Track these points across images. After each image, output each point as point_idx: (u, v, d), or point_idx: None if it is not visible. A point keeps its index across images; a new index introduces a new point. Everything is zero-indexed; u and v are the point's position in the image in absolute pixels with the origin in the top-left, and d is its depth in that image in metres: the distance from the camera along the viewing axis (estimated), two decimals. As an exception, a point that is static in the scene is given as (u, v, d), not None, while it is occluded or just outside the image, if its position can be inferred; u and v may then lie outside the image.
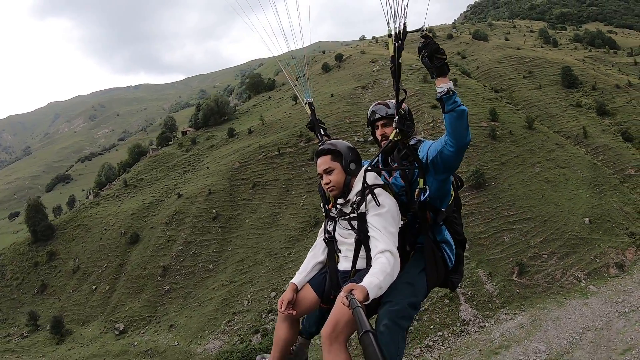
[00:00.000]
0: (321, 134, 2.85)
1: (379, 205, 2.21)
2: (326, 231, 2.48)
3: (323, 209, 2.51)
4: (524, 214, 33.76)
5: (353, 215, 2.28)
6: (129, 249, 45.25)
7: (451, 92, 2.07)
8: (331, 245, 2.45)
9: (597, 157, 43.08)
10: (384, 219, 2.19)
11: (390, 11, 2.00)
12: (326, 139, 2.76)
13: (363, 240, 2.24)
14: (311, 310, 2.44)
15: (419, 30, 2.10)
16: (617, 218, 34.28)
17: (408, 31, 2.06)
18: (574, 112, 51.48)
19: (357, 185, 2.33)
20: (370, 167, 2.39)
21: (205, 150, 59.72)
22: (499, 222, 33.09)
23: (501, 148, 41.94)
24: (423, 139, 2.50)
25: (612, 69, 67.00)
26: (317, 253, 2.54)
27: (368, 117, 2.64)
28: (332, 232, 2.43)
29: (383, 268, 2.00)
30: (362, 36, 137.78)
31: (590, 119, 49.68)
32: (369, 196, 2.24)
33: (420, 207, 2.31)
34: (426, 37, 2.04)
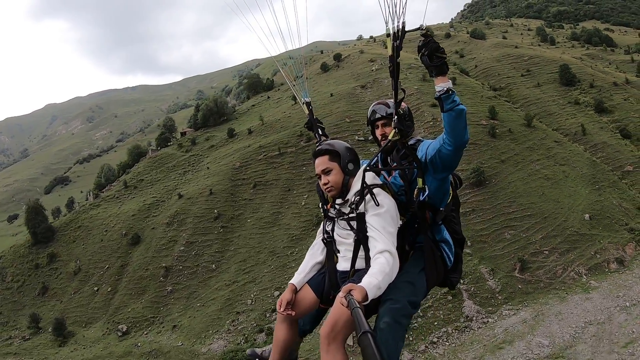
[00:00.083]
0: (319, 134, 2.83)
1: (378, 205, 2.20)
2: (325, 231, 2.47)
3: (321, 209, 2.50)
4: (525, 211, 34.00)
5: (352, 215, 2.27)
6: (131, 250, 45.18)
7: (450, 92, 2.06)
8: (330, 245, 2.44)
9: (596, 154, 43.41)
10: (383, 219, 2.17)
11: (388, 10, 1.99)
12: (324, 139, 2.74)
13: (362, 240, 2.22)
14: (310, 310, 2.44)
15: (418, 29, 2.06)
16: (617, 214, 34.59)
17: (406, 30, 2.05)
18: (572, 110, 51.83)
19: (356, 185, 2.31)
20: (369, 167, 2.38)
21: (205, 150, 59.66)
22: (500, 219, 33.33)
23: (501, 146, 42.18)
24: (422, 139, 2.49)
25: (610, 67, 67.39)
26: (316, 253, 2.53)
27: (368, 117, 2.64)
28: (331, 233, 2.42)
29: (382, 268, 1.99)
30: (360, 36, 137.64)
31: (588, 117, 50.03)
32: (368, 196, 2.23)
33: (419, 207, 2.31)
34: (426, 36, 2.03)
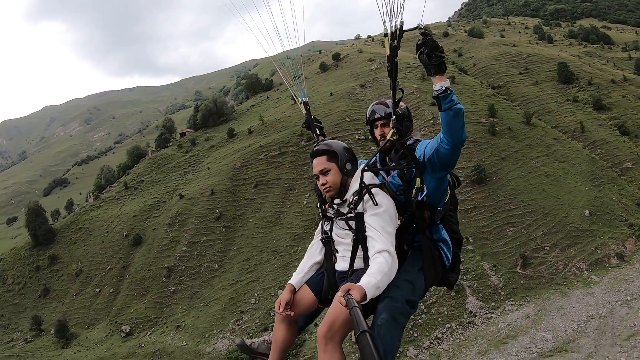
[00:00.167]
0: (317, 134, 2.81)
1: (377, 205, 2.19)
2: (323, 231, 2.46)
3: (320, 209, 2.50)
4: (526, 208, 34.26)
5: (350, 215, 2.26)
6: (132, 251, 45.15)
7: (448, 91, 2.06)
8: (328, 245, 2.43)
9: (595, 151, 43.73)
10: (382, 219, 2.17)
11: (386, 10, 1.98)
12: (322, 139, 2.73)
13: (360, 240, 2.22)
14: (309, 310, 2.42)
15: (416, 28, 2.08)
16: (616, 210, 34.90)
17: (404, 30, 2.04)
18: (571, 108, 52.16)
19: (354, 185, 2.30)
20: (367, 167, 2.36)
21: (205, 151, 59.67)
22: (501, 216, 33.58)
23: (501, 143, 42.43)
24: (420, 139, 2.50)
25: (607, 64, 67.77)
26: (314, 253, 2.52)
27: (367, 117, 2.64)
28: (329, 233, 2.41)
29: (381, 268, 1.98)
30: (358, 35, 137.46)
31: (587, 114, 50.37)
32: (366, 196, 2.22)
33: (417, 207, 2.32)
34: (425, 35, 2.02)
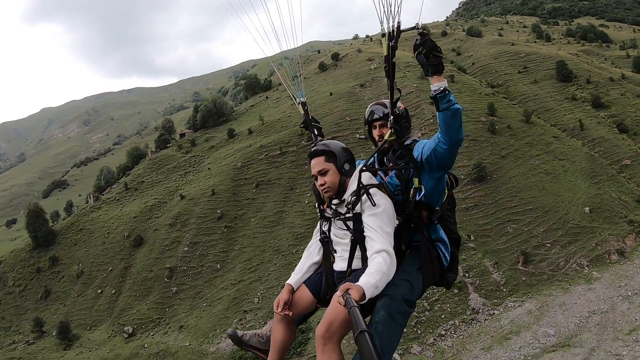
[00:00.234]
0: (315, 134, 2.80)
1: (375, 205, 2.19)
2: (321, 231, 2.46)
3: (318, 209, 2.50)
4: (526, 205, 34.46)
5: (348, 215, 2.26)
6: (134, 252, 45.13)
7: (446, 91, 2.05)
8: (326, 245, 2.43)
9: (594, 149, 43.98)
10: (380, 219, 2.18)
11: (383, 10, 1.97)
12: (320, 139, 2.72)
13: (358, 240, 2.22)
14: (307, 311, 2.42)
15: (413, 28, 2.06)
16: (616, 207, 35.15)
17: (402, 30, 2.03)
18: (570, 106, 52.43)
19: (352, 185, 2.30)
20: (365, 167, 2.37)
21: (205, 151, 59.67)
22: (503, 214, 33.77)
23: (501, 142, 42.64)
24: (418, 139, 2.50)
25: (605, 63, 68.09)
26: (313, 253, 2.52)
27: (366, 118, 2.64)
28: (327, 233, 2.42)
29: (379, 268, 1.99)
30: (356, 35, 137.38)
31: (585, 112, 50.64)
32: (364, 196, 2.22)
33: (415, 207, 2.32)
34: (423, 35, 2.02)
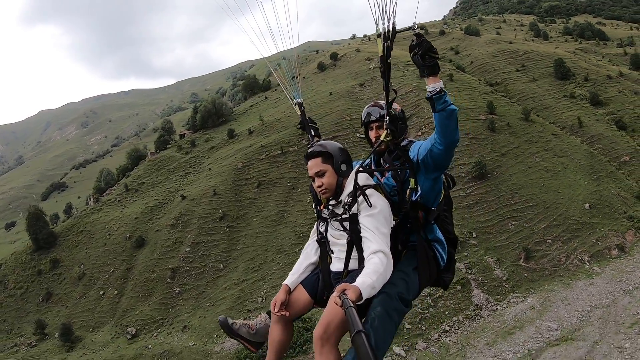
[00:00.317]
0: (312, 135, 2.79)
1: (371, 206, 2.20)
2: (318, 232, 2.47)
3: (315, 210, 2.50)
4: (527, 202, 34.70)
5: (345, 216, 2.27)
6: (135, 253, 45.11)
7: (442, 92, 2.05)
8: (324, 246, 2.44)
9: (593, 146, 44.29)
10: (376, 220, 2.18)
11: (378, 10, 1.96)
12: (317, 140, 2.72)
13: (355, 241, 2.23)
14: (304, 311, 2.43)
15: (409, 28, 2.04)
16: (616, 203, 35.46)
17: (397, 30, 2.03)
18: (568, 103, 52.77)
19: (349, 186, 2.30)
20: (361, 168, 2.38)
21: (205, 152, 59.72)
22: (504, 211, 34.00)
23: (500, 140, 42.89)
24: (414, 140, 2.50)
25: (603, 60, 68.49)
26: (310, 254, 2.52)
27: (362, 119, 2.64)
28: (324, 233, 2.42)
29: (376, 268, 1.99)
30: (354, 35, 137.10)
31: (584, 109, 50.98)
32: (361, 197, 2.22)
33: (412, 207, 2.33)
34: (419, 36, 2.01)
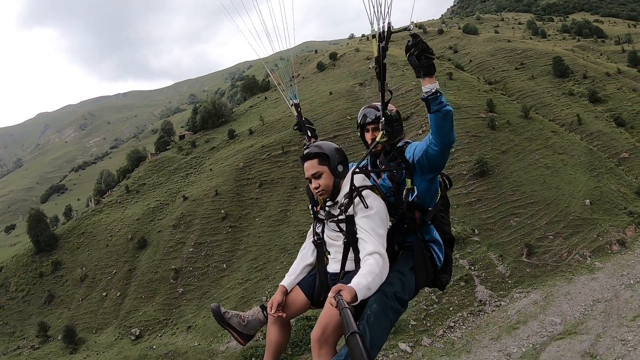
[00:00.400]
0: (309, 136, 2.79)
1: (367, 207, 2.20)
2: (315, 233, 2.46)
3: (311, 211, 2.50)
4: (528, 199, 34.97)
5: (341, 217, 2.26)
6: (138, 254, 45.12)
7: (438, 93, 2.05)
8: (320, 247, 2.43)
9: (592, 143, 44.61)
10: (372, 221, 2.17)
11: (373, 11, 1.95)
12: (313, 141, 2.71)
13: (351, 242, 2.23)
14: (301, 312, 2.43)
15: (405, 29, 2.04)
16: (616, 199, 35.75)
17: (393, 31, 2.03)
18: (567, 101, 53.10)
19: (345, 187, 2.29)
20: (358, 169, 2.37)
21: (206, 152, 59.79)
22: (505, 207, 34.25)
23: (501, 137, 43.15)
24: (410, 141, 2.51)
25: (601, 58, 68.91)
26: (306, 255, 2.51)
27: (358, 121, 2.63)
28: (321, 234, 2.41)
29: (371, 269, 1.99)
30: (352, 34, 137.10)
31: (583, 107, 51.31)
32: (357, 198, 2.22)
33: (408, 207, 2.33)
34: (415, 36, 2.01)
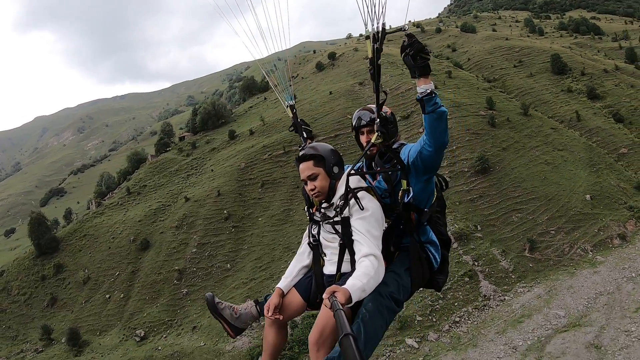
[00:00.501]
0: (304, 137, 2.77)
1: (363, 209, 2.19)
2: (310, 235, 2.46)
3: (307, 213, 2.49)
4: (529, 195, 35.28)
5: (337, 219, 2.26)
6: (141, 256, 45.10)
7: (433, 94, 2.04)
8: (316, 249, 2.43)
9: (592, 139, 44.99)
10: (368, 223, 2.17)
11: (367, 11, 1.94)
12: (309, 142, 2.71)
13: (347, 244, 2.22)
14: (297, 314, 2.43)
15: (400, 29, 2.04)
16: (616, 194, 36.11)
17: (388, 32, 2.01)
18: (566, 97, 53.49)
19: (341, 189, 2.29)
20: (353, 171, 2.38)
21: (206, 153, 59.84)
22: (507, 204, 34.56)
23: (501, 134, 43.45)
24: (405, 142, 2.52)
25: (599, 55, 69.38)
26: (302, 257, 2.52)
27: (353, 124, 2.62)
28: (317, 236, 2.41)
29: (367, 271, 1.99)
30: (349, 34, 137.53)
31: (581, 103, 51.72)
32: (352, 200, 2.22)
33: (404, 209, 2.32)
34: (410, 36, 2.00)
